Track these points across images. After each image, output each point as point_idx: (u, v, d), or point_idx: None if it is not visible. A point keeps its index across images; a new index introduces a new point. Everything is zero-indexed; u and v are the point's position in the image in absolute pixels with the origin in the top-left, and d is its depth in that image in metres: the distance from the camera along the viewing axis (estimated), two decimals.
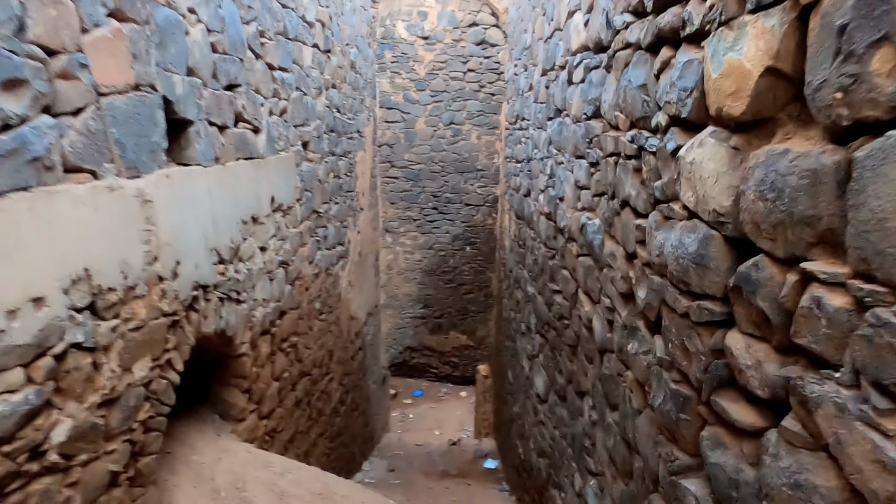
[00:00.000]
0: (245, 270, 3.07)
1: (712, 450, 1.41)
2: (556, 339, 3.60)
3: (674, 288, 1.63)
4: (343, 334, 5.99)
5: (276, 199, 3.58)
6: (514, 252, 5.93)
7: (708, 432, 1.46)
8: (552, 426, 3.73)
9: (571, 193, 3.07)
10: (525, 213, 5.07)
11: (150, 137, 2.15)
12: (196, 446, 2.81)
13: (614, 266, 2.27)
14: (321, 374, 5.05)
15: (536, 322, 4.34)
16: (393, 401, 12.64)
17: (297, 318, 4.21)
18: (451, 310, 9.55)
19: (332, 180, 5.26)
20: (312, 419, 4.81)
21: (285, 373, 3.97)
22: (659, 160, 1.74)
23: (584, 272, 2.84)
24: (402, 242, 9.23)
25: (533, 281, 4.53)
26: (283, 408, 3.97)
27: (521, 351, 5.19)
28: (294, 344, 4.16)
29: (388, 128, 8.85)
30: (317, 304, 4.82)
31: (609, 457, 2.40)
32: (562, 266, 3.40)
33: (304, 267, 4.33)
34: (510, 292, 6.39)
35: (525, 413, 4.90)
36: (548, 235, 3.83)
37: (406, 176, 9.01)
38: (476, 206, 9.18)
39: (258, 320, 3.32)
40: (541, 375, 4.12)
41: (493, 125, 8.98)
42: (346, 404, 6.25)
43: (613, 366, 2.32)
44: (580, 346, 2.99)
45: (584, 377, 2.95)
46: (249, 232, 3.14)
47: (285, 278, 3.85)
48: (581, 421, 2.99)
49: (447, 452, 9.34)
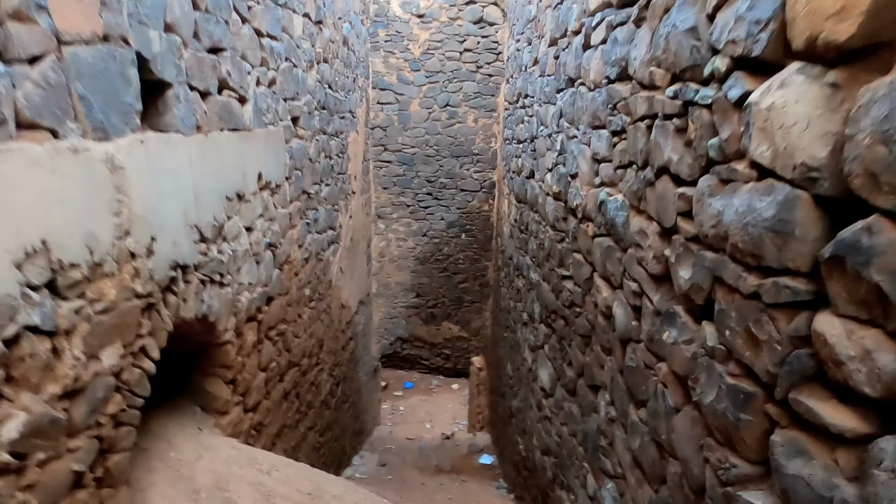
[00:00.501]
0: (229, 251, 2.87)
1: (789, 458, 1.20)
2: (565, 328, 3.44)
3: (737, 264, 1.42)
4: (334, 323, 5.81)
5: (264, 175, 3.37)
6: (515, 238, 5.75)
7: (781, 437, 1.25)
8: (559, 422, 3.57)
9: (587, 168, 2.89)
10: (528, 196, 4.89)
11: (122, 97, 1.94)
12: (175, 442, 2.62)
13: (644, 245, 2.10)
14: (310, 364, 4.87)
15: (541, 311, 4.18)
16: (383, 393, 12.52)
17: (286, 305, 4.02)
18: (445, 299, 9.37)
19: (324, 160, 5.05)
20: (301, 412, 4.63)
21: (272, 363, 3.78)
22: (715, 113, 1.53)
23: (602, 254, 2.66)
24: (395, 229, 9.02)
25: (537, 267, 4.36)
26: (271, 400, 3.79)
27: (523, 342, 5.03)
28: (282, 332, 3.97)
29: (382, 109, 8.61)
30: (306, 290, 4.62)
31: (633, 459, 2.24)
32: (573, 249, 3.22)
33: (293, 251, 4.14)
34: (509, 281, 6.22)
35: (527, 408, 4.75)
36: (556, 217, 3.65)
37: (399, 160, 8.79)
38: (472, 191, 8.98)
39: (243, 306, 3.13)
40: (546, 368, 3.96)
41: (491, 107, 8.77)
42: (337, 396, 6.08)
43: (640, 357, 2.15)
44: (595, 336, 2.82)
45: (599, 370, 2.79)
46: (234, 210, 2.94)
47: (273, 262, 3.65)
48: (595, 418, 2.83)
49: (440, 447, 9.21)
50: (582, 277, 3.03)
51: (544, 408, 4.01)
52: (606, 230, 2.58)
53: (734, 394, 1.43)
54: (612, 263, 2.50)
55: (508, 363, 6.18)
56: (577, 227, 3.14)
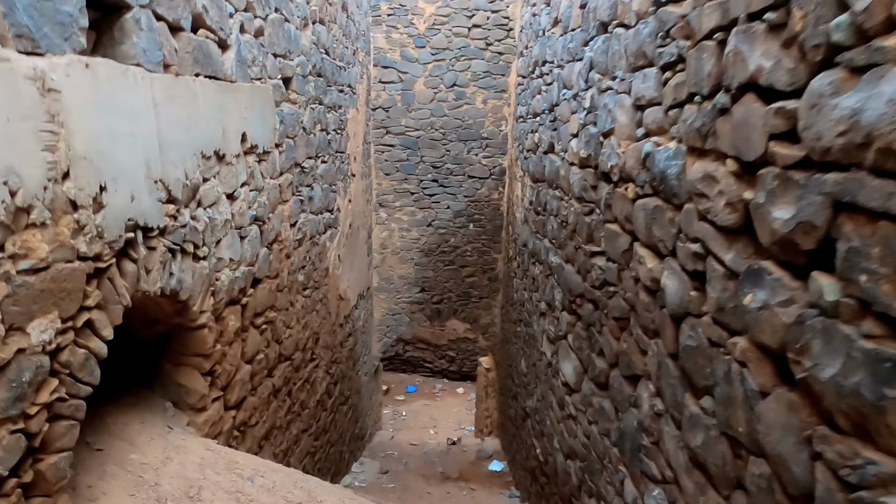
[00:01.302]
0: (205, 219, 2.52)
1: None
2: (595, 313, 3.08)
3: (886, 178, 1.05)
4: (330, 316, 5.46)
5: (249, 137, 3.03)
6: (530, 222, 5.40)
7: None
8: (587, 421, 3.22)
9: (627, 120, 2.53)
10: (546, 173, 4.54)
11: (61, 5, 1.59)
12: (138, 443, 2.27)
13: (710, 194, 1.74)
14: (304, 359, 4.52)
15: (563, 297, 3.82)
16: (384, 397, 12.17)
17: (276, 290, 3.67)
18: (451, 294, 8.99)
19: (320, 134, 4.70)
20: (294, 412, 4.28)
21: (260, 354, 3.43)
22: None
23: (646, 218, 2.30)
24: (398, 218, 8.65)
25: (558, 249, 4.01)
26: (257, 397, 3.44)
27: (540, 334, 4.67)
28: (271, 320, 3.63)
29: (384, 89, 8.25)
30: (300, 275, 4.28)
31: (691, 459, 1.88)
32: (606, 220, 2.87)
33: (283, 229, 3.79)
34: (523, 270, 5.86)
35: (545, 407, 4.39)
36: (583, 187, 3.30)
37: (403, 143, 8.42)
38: (481, 178, 8.61)
39: (224, 285, 2.78)
40: (569, 360, 3.61)
41: (501, 88, 8.40)
42: (334, 397, 5.73)
43: (703, 334, 1.79)
44: (635, 318, 2.47)
45: (639, 357, 2.44)
46: (212, 171, 2.59)
47: (260, 238, 3.31)
48: (634, 413, 2.48)
49: (446, 453, 8.86)
50: (618, 250, 2.67)
51: (567, 406, 3.66)
52: (653, 188, 2.22)
53: (875, 362, 1.07)
54: (661, 227, 2.14)
55: (522, 360, 5.82)
56: (610, 193, 2.78)
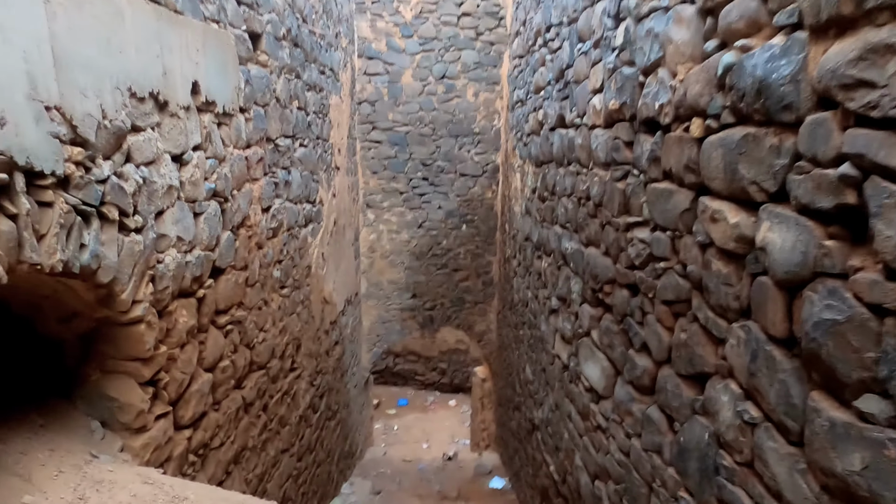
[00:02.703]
0: (138, 179, 1.92)
1: None
2: (633, 300, 2.51)
3: None
4: (314, 320, 4.84)
5: (203, 89, 2.43)
6: (534, 212, 4.83)
7: None
8: (623, 434, 2.63)
9: (689, 35, 1.93)
10: (554, 152, 3.98)
11: None
12: (38, 478, 1.64)
13: (876, 78, 1.18)
14: (283, 368, 3.90)
15: (583, 287, 3.25)
16: (375, 411, 11.55)
17: (244, 284, 3.06)
18: (444, 300, 8.38)
19: (298, 112, 4.11)
20: (271, 430, 3.65)
21: (224, 361, 2.82)
22: None
23: (726, 158, 1.69)
24: (387, 220, 8.05)
25: (574, 233, 3.44)
26: (222, 412, 2.82)
27: (551, 335, 4.09)
28: (239, 320, 3.01)
29: (370, 81, 7.69)
30: (276, 271, 3.67)
31: (832, 489, 1.30)
32: (650, 180, 2.30)
33: (253, 213, 3.19)
34: (526, 267, 5.28)
35: (561, 417, 3.79)
36: (613, 148, 2.73)
37: (391, 140, 7.85)
38: (473, 176, 8.06)
39: (170, 270, 2.17)
40: (595, 361, 3.02)
41: (493, 80, 7.88)
42: (320, 411, 5.09)
43: (862, 298, 1.20)
44: (701, 297, 1.89)
45: (709, 348, 1.86)
46: (149, 119, 1.99)
47: (221, 219, 2.70)
48: (702, 423, 1.89)
49: (442, 469, 8.20)
50: (672, 213, 2.10)
51: (594, 416, 3.06)
52: (738, 113, 1.64)
53: None
54: (755, 163, 1.56)
55: (527, 366, 5.22)
56: (658, 143, 2.22)
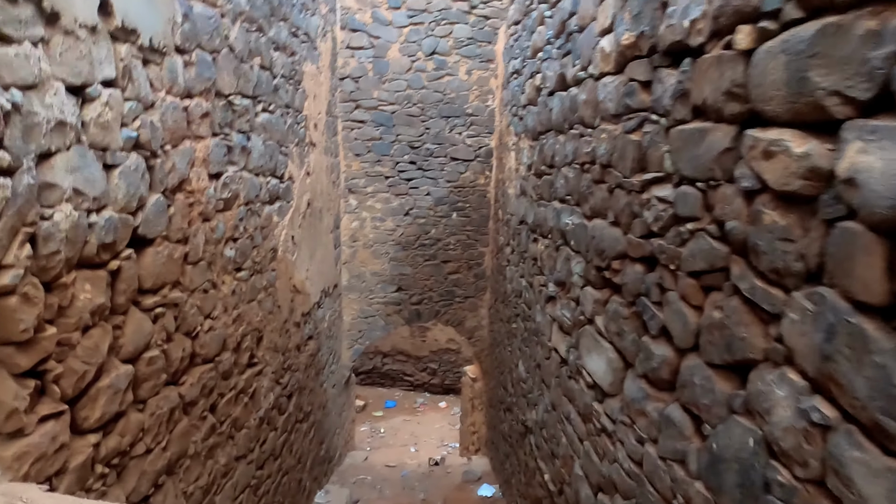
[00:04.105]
0: (3, 103, 1.46)
1: None
2: (649, 276, 2.07)
3: None
4: (280, 311, 4.38)
5: (120, 12, 1.97)
6: (530, 192, 4.39)
7: None
8: (634, 438, 2.19)
9: None
10: (553, 118, 3.54)
11: None
12: None
13: None
14: (238, 363, 3.44)
15: (586, 267, 2.82)
16: (361, 413, 11.15)
17: (182, 261, 2.61)
18: (432, 294, 7.93)
19: (260, 72, 3.65)
20: (221, 434, 3.19)
21: (152, 351, 2.36)
22: None
23: (791, 66, 1.27)
24: (370, 206, 7.58)
25: (575, 206, 3.01)
26: (149, 413, 2.36)
27: (548, 326, 3.65)
28: (175, 303, 2.55)
29: (353, 55, 7.22)
30: (229, 249, 3.21)
31: None
32: (674, 123, 1.85)
33: (196, 177, 2.73)
34: (520, 253, 4.84)
35: (557, 420, 3.36)
36: (626, 93, 2.27)
37: (375, 120, 7.38)
38: (465, 160, 7.61)
39: (63, 231, 1.71)
40: (600, 352, 2.59)
41: (488, 57, 7.44)
42: (288, 412, 4.63)
43: None
44: (746, 263, 1.45)
45: (755, 328, 1.43)
46: (26, 28, 1.53)
47: (148, 177, 2.24)
48: (743, 426, 1.46)
49: (428, 476, 7.76)
50: (706, 158, 1.65)
51: (597, 417, 2.63)
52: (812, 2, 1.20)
53: None
54: (835, 67, 1.09)
55: (520, 363, 4.78)
56: (685, 73, 1.77)
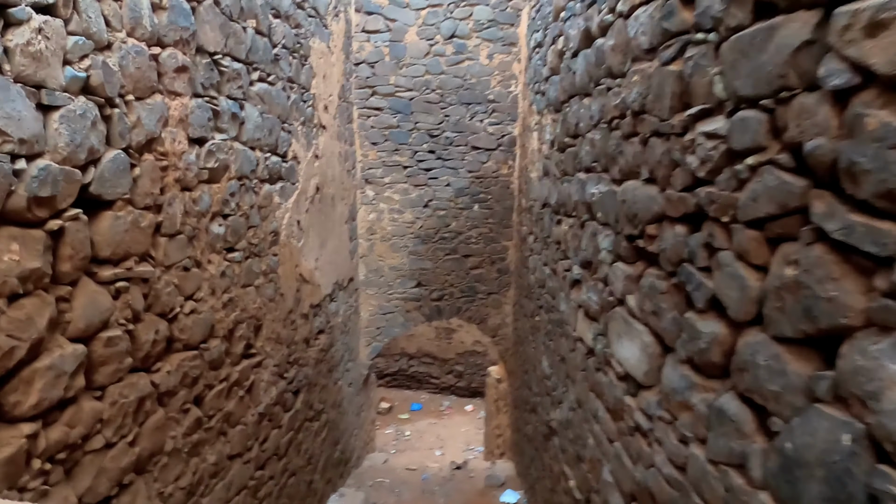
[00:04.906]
0: None
1: None
2: (688, 238, 1.69)
3: None
4: (284, 300, 4.08)
5: None
6: (552, 170, 4.02)
7: None
8: (676, 437, 1.81)
9: None
10: (577, 80, 3.18)
11: None
12: None
13: None
14: (232, 353, 3.14)
15: (615, 241, 2.44)
16: (387, 416, 10.94)
17: (152, 231, 2.31)
18: (453, 289, 7.59)
19: (257, 38, 3.37)
20: (210, 429, 2.90)
21: (113, 330, 2.07)
22: None
23: None
24: (388, 197, 7.29)
25: (602, 173, 2.63)
26: (109, 402, 2.07)
27: (573, 313, 3.28)
28: (144, 278, 2.26)
29: (368, 39, 6.95)
30: (217, 226, 2.92)
31: None
32: (726, 33, 1.46)
33: (171, 138, 2.44)
34: (543, 238, 4.47)
35: (584, 419, 2.98)
36: (664, 16, 1.89)
37: (392, 107, 7.09)
38: (487, 149, 7.26)
39: None
40: (632, 336, 2.21)
41: (510, 40, 7.09)
42: (294, 409, 4.33)
43: None
44: (835, 194, 1.08)
45: (850, 281, 1.06)
46: None
47: (103, 128, 1.95)
48: (833, 419, 1.08)
49: (449, 480, 7.41)
50: (774, 63, 1.26)
51: (629, 413, 2.25)
52: None
53: None
54: None
55: (544, 358, 4.40)
56: None
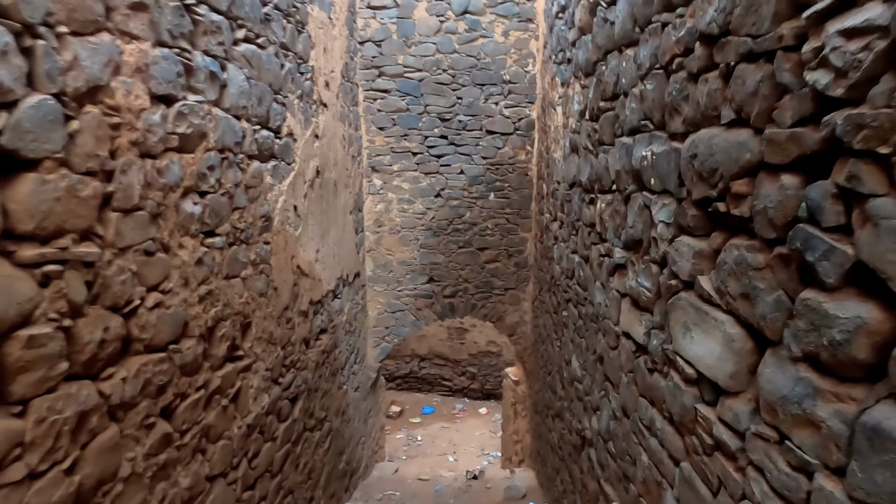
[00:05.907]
0: None
1: None
2: (806, 191, 1.22)
3: None
4: (278, 295, 3.63)
5: None
6: (582, 144, 3.54)
7: None
8: (785, 464, 1.30)
9: None
10: (617, 30, 2.71)
11: None
12: None
13: None
14: (210, 355, 2.69)
15: (676, 211, 1.96)
16: (397, 420, 10.54)
17: (99, 203, 1.87)
18: (468, 285, 7.12)
19: None
20: (182, 447, 2.45)
21: (39, 327, 1.62)
22: None
23: None
24: (397, 186, 6.83)
25: (656, 131, 2.16)
26: (33, 419, 1.62)
27: (612, 307, 2.80)
28: (86, 261, 1.81)
29: (374, 15, 6.49)
30: (191, 204, 2.47)
31: None
32: None
33: (124, 89, 1.99)
34: (571, 224, 3.99)
35: (632, 431, 2.50)
36: None
37: (401, 88, 6.63)
38: (503, 134, 6.78)
39: None
40: (708, 330, 1.71)
41: (527, 16, 6.61)
42: (290, 419, 3.88)
43: None
44: None
45: None
46: None
47: (21, 63, 1.50)
48: None
49: (465, 491, 6.94)
50: None
51: (707, 426, 1.75)
52: None
53: None
54: None
55: (573, 358, 3.92)
56: None
